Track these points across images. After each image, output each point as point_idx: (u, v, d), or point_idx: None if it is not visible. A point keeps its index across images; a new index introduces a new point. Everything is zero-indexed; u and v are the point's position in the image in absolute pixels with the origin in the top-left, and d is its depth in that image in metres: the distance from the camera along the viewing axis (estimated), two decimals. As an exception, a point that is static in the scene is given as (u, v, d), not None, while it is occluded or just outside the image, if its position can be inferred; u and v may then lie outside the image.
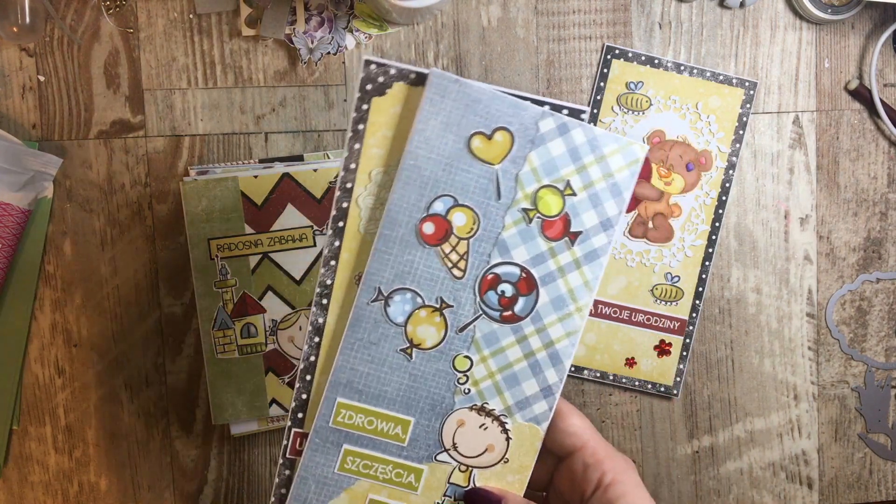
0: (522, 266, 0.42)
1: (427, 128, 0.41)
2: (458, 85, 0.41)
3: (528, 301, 0.43)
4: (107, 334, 0.61)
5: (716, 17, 0.64)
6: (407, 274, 0.42)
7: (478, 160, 0.41)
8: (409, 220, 0.41)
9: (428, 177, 0.41)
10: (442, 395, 0.43)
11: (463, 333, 0.43)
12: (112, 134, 0.60)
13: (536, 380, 0.43)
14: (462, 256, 0.42)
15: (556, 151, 0.42)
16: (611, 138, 0.42)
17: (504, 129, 0.41)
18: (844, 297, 0.66)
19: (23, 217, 0.58)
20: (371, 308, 0.42)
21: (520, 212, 0.42)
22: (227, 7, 0.60)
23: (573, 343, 0.43)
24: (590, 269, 0.43)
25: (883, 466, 0.67)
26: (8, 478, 0.61)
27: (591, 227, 0.42)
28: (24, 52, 0.59)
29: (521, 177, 0.42)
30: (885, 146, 0.66)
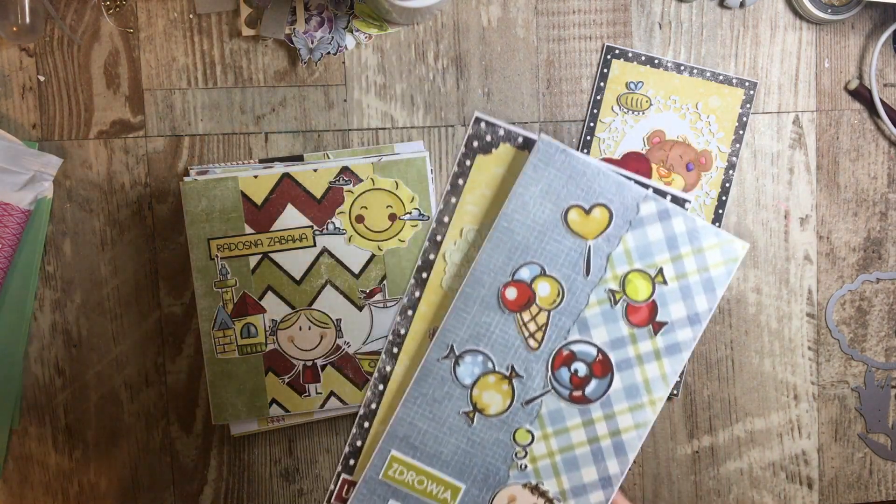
0: (600, 348, 0.41)
1: (526, 193, 0.40)
2: (565, 155, 0.40)
3: (600, 384, 0.41)
4: (107, 334, 0.61)
5: (716, 17, 0.64)
6: (482, 336, 0.41)
7: (572, 233, 0.40)
8: (493, 282, 0.40)
9: (519, 241, 0.40)
10: (497, 466, 0.42)
11: (529, 406, 0.41)
12: (112, 134, 0.60)
13: (597, 467, 0.42)
14: (540, 327, 0.41)
15: (653, 236, 0.41)
16: (711, 231, 0.41)
17: (603, 206, 0.40)
18: (844, 297, 0.66)
19: (23, 217, 0.58)
20: (440, 365, 0.41)
21: (606, 292, 0.41)
22: (227, 7, 0.60)
23: (641, 436, 0.42)
24: (670, 362, 0.41)
25: (883, 466, 0.67)
26: (8, 478, 0.61)
27: (678, 320, 0.41)
28: (24, 52, 0.59)
29: (613, 256, 0.41)
30: (885, 146, 0.66)
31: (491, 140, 0.41)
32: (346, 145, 0.62)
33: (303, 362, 0.59)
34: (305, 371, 0.59)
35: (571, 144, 0.63)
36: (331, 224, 0.59)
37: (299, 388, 0.59)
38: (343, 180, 0.58)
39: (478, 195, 0.41)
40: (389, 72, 0.62)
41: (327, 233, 0.59)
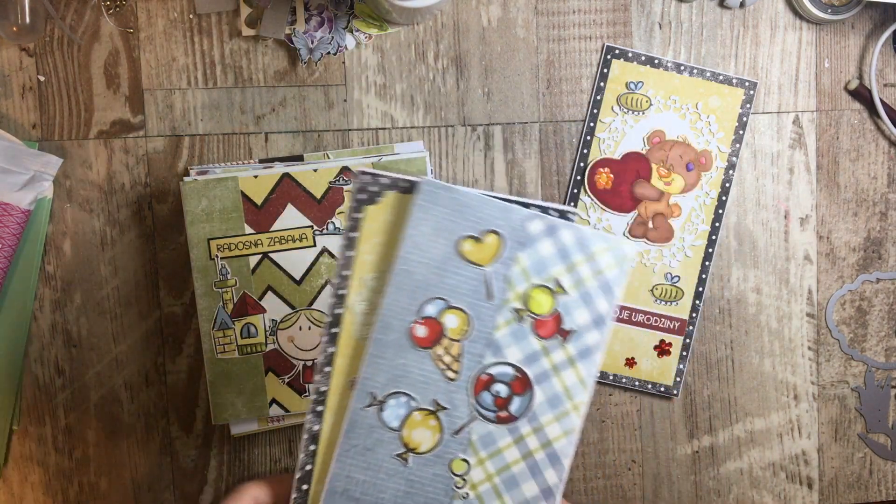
0: (516, 365, 0.42)
1: (418, 233, 0.41)
2: (448, 191, 0.41)
3: (523, 401, 0.42)
4: (107, 334, 0.61)
5: (716, 17, 0.64)
6: (401, 378, 0.42)
7: (468, 263, 0.41)
8: (401, 323, 0.41)
9: (419, 281, 0.41)
10: (440, 500, 0.42)
11: (459, 436, 0.42)
12: (112, 134, 0.60)
13: (536, 481, 0.43)
14: (455, 358, 0.42)
15: (545, 252, 0.42)
16: (599, 237, 0.42)
17: (493, 232, 0.41)
18: (844, 297, 0.66)
19: (23, 217, 0.58)
20: (366, 413, 0.41)
21: (511, 311, 0.42)
22: (227, 7, 0.60)
23: (571, 442, 0.43)
24: (584, 366, 0.42)
25: (883, 466, 0.67)
26: (8, 478, 0.61)
27: (584, 325, 0.42)
28: (24, 52, 0.59)
29: (511, 277, 0.42)
30: (885, 146, 0.66)
31: (376, 190, 0.42)
32: (346, 145, 0.62)
33: (303, 362, 0.59)
34: (305, 371, 0.59)
35: (572, 144, 0.63)
36: (331, 224, 0.59)
37: (299, 388, 0.59)
38: (343, 180, 0.58)
39: (373, 244, 0.42)
40: (389, 72, 0.62)
41: (327, 233, 0.59)
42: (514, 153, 0.63)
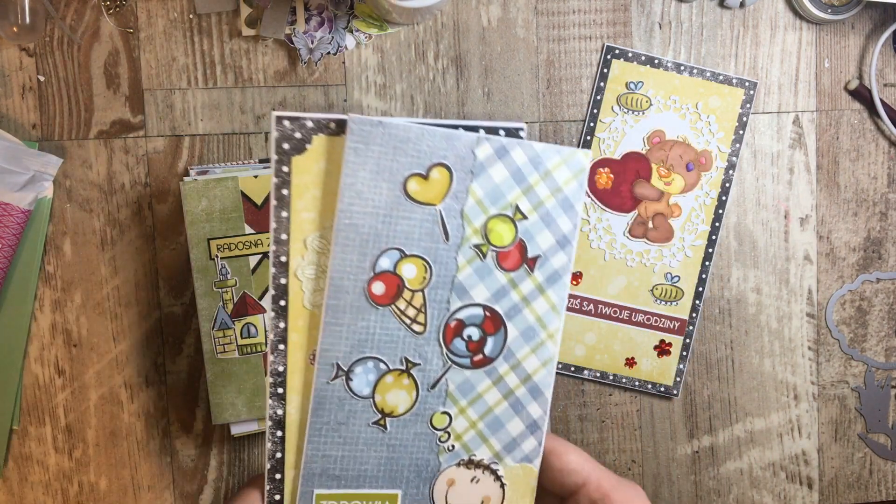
0: (485, 305, 0.40)
1: (357, 180, 0.37)
2: (382, 127, 0.37)
3: (497, 340, 0.40)
4: (107, 334, 0.61)
5: (716, 17, 0.64)
6: (365, 342, 0.39)
7: (418, 204, 0.38)
8: (355, 284, 0.38)
9: (367, 233, 0.38)
10: (426, 458, 0.40)
11: (436, 389, 0.40)
12: (112, 134, 0.60)
13: (520, 417, 0.41)
14: (420, 310, 0.39)
15: (498, 177, 0.39)
16: (552, 150, 0.39)
17: (440, 165, 0.38)
18: (844, 297, 0.66)
19: (23, 217, 0.58)
20: (332, 387, 0.39)
21: (472, 248, 0.39)
22: (227, 7, 0.60)
23: (550, 372, 0.41)
24: (554, 291, 0.40)
25: (883, 466, 0.67)
26: (8, 478, 0.61)
27: (548, 249, 0.40)
28: (24, 52, 0.59)
29: (466, 212, 0.39)
30: (885, 146, 0.66)
31: (302, 136, 0.38)
32: (346, 145, 0.62)
33: (303, 362, 0.59)
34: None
35: (571, 144, 0.63)
36: (331, 224, 0.59)
37: (299, 388, 0.59)
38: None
39: (309, 199, 0.38)
40: (389, 72, 0.62)
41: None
42: (514, 153, 0.63)
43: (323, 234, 0.39)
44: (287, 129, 0.38)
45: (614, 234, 0.63)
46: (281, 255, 0.38)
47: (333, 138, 0.38)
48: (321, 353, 0.39)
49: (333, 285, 0.38)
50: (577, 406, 0.64)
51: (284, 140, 0.38)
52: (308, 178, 0.38)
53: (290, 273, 0.39)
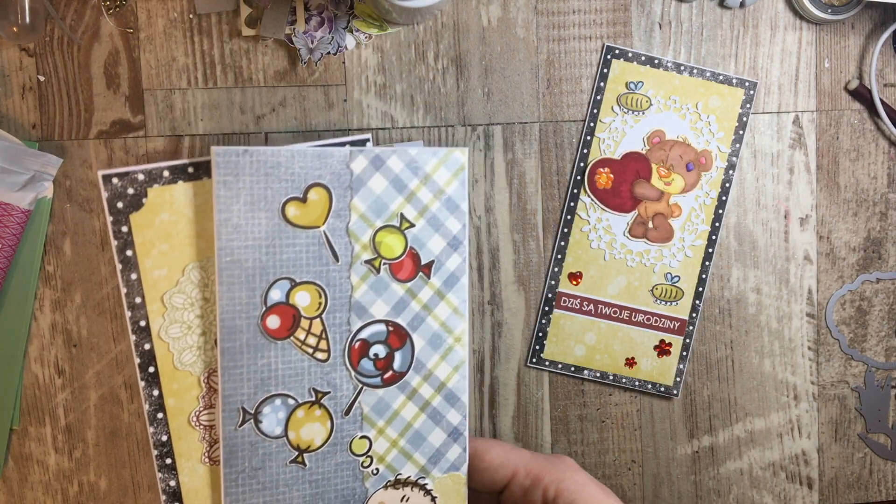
0: (386, 320, 0.38)
1: (232, 214, 0.36)
2: (249, 156, 0.36)
3: (404, 353, 0.39)
4: (107, 334, 0.61)
5: (716, 17, 0.64)
6: (268, 380, 0.37)
7: (300, 228, 0.37)
8: (248, 321, 0.36)
9: (252, 267, 0.36)
10: (351, 487, 0.38)
11: (350, 415, 0.38)
12: (112, 134, 0.60)
13: (441, 427, 0.40)
14: (320, 336, 0.38)
15: (378, 188, 0.38)
16: (428, 153, 0.38)
17: (317, 186, 0.37)
18: (844, 297, 0.66)
19: (23, 217, 0.58)
20: (242, 432, 0.37)
21: (364, 265, 0.38)
22: (227, 7, 0.60)
23: (463, 375, 0.40)
24: (454, 294, 0.39)
25: (883, 466, 0.67)
26: (8, 478, 0.61)
27: (441, 252, 0.39)
28: (24, 52, 0.59)
29: (352, 229, 0.38)
30: (885, 146, 0.66)
31: (135, 191, 0.36)
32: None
33: (303, 362, 0.59)
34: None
35: (572, 144, 0.63)
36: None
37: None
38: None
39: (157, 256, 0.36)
40: (389, 72, 0.62)
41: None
42: (514, 153, 0.63)
43: (180, 289, 0.37)
44: (117, 187, 0.36)
45: (614, 234, 0.63)
46: (139, 320, 0.37)
47: (171, 186, 0.37)
48: (223, 399, 0.37)
49: (225, 327, 0.36)
50: (577, 406, 0.64)
51: (117, 199, 0.36)
52: (151, 233, 0.37)
53: (154, 336, 0.37)
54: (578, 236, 0.63)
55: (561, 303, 0.63)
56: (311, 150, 0.36)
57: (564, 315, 0.63)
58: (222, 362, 0.36)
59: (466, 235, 0.37)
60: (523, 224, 0.63)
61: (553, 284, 0.63)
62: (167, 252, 0.36)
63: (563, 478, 0.39)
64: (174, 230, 0.36)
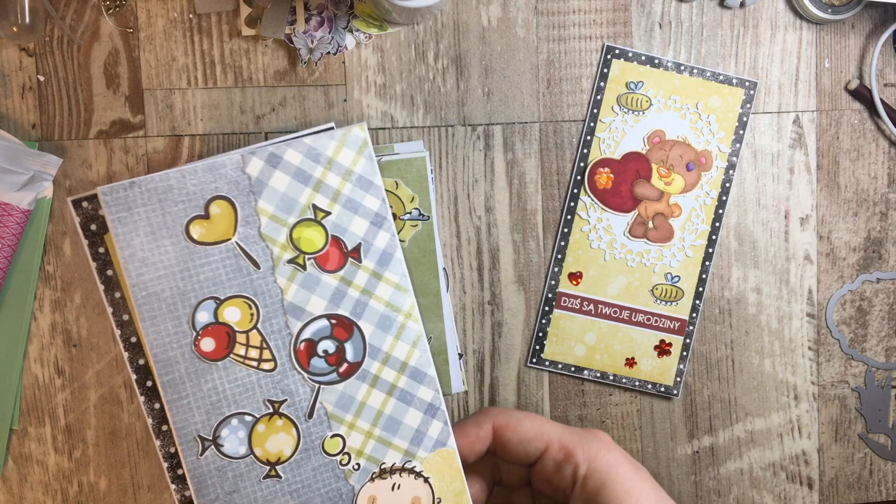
0: (327, 314, 0.37)
1: (135, 250, 0.35)
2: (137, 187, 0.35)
3: (355, 343, 0.38)
4: (107, 334, 0.61)
5: (716, 17, 0.64)
6: (218, 402, 0.36)
7: (210, 245, 0.36)
8: (181, 350, 0.36)
9: (170, 295, 0.36)
10: (336, 488, 0.38)
11: (314, 417, 0.37)
12: (112, 134, 0.60)
13: (414, 407, 0.39)
14: (261, 347, 0.37)
15: (281, 186, 0.37)
16: (325, 137, 0.37)
17: (217, 199, 0.36)
18: (844, 297, 0.66)
19: (23, 217, 0.58)
20: (205, 460, 0.36)
21: (288, 265, 0.37)
22: (227, 7, 0.60)
23: (424, 350, 0.39)
24: (391, 271, 0.38)
25: (883, 466, 0.67)
26: (8, 478, 0.61)
27: (366, 233, 0.38)
28: (24, 52, 0.59)
29: (264, 232, 0.37)
30: (885, 146, 0.66)
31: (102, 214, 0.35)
32: (346, 145, 0.62)
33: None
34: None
35: (572, 144, 0.63)
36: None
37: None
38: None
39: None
40: (389, 72, 0.62)
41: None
42: (514, 153, 0.63)
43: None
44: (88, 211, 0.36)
45: (614, 234, 0.63)
46: (129, 336, 0.36)
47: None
48: (177, 432, 0.36)
49: (159, 361, 0.36)
50: (577, 406, 0.64)
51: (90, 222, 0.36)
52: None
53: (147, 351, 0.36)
54: (578, 236, 0.63)
55: (561, 303, 0.63)
56: (200, 165, 0.36)
57: (564, 315, 0.63)
58: (166, 396, 0.35)
59: (388, 209, 0.36)
60: (523, 224, 0.63)
61: (553, 284, 0.63)
62: None
63: (596, 456, 0.38)
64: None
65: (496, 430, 0.40)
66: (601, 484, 0.37)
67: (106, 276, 0.34)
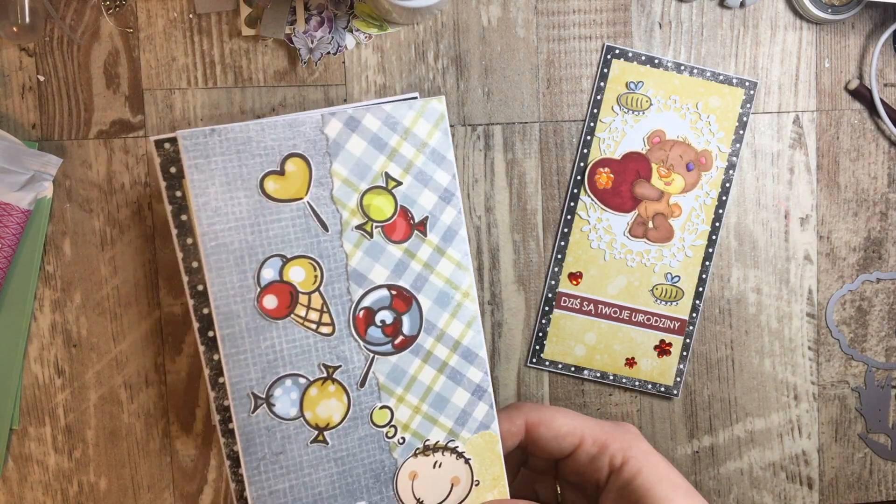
0: (388, 284, 0.37)
1: (209, 198, 0.35)
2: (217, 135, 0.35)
3: (412, 316, 0.38)
4: (107, 334, 0.61)
5: (716, 17, 0.64)
6: (275, 361, 0.36)
7: (283, 202, 0.36)
8: (244, 305, 0.35)
9: (239, 248, 0.35)
10: (379, 459, 0.37)
11: (366, 386, 0.37)
12: (112, 134, 0.60)
13: (462, 387, 0.38)
14: (322, 310, 0.36)
15: (357, 150, 0.36)
16: (404, 107, 0.37)
17: (293, 156, 0.36)
18: (844, 297, 0.66)
19: (23, 217, 0.58)
20: (256, 418, 0.36)
21: (355, 231, 0.37)
22: (227, 7, 0.60)
23: (478, 330, 0.38)
24: (454, 249, 0.38)
25: (883, 466, 0.67)
26: (8, 478, 0.61)
27: (434, 207, 0.38)
28: (24, 52, 0.59)
29: (336, 195, 0.36)
30: (885, 146, 0.66)
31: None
32: (346, 145, 0.62)
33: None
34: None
35: (572, 144, 0.63)
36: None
37: (299, 388, 0.59)
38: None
39: None
40: (389, 72, 0.62)
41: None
42: (514, 153, 0.63)
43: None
44: (170, 153, 0.36)
45: (614, 234, 0.63)
46: (196, 283, 0.36)
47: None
48: (232, 387, 0.36)
49: (220, 314, 0.35)
50: (578, 406, 0.64)
51: (170, 164, 0.36)
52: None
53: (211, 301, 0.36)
54: (578, 236, 0.63)
55: (561, 303, 0.63)
56: (281, 121, 0.35)
57: (564, 315, 0.63)
58: (224, 350, 0.35)
59: (457, 186, 0.36)
60: (523, 224, 0.63)
61: (553, 284, 0.63)
62: None
63: (630, 446, 0.39)
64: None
65: (529, 426, 0.40)
66: (637, 471, 0.38)
67: (180, 221, 0.34)
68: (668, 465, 0.39)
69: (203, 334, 0.36)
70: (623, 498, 0.38)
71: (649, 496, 0.37)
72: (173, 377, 0.61)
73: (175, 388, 0.61)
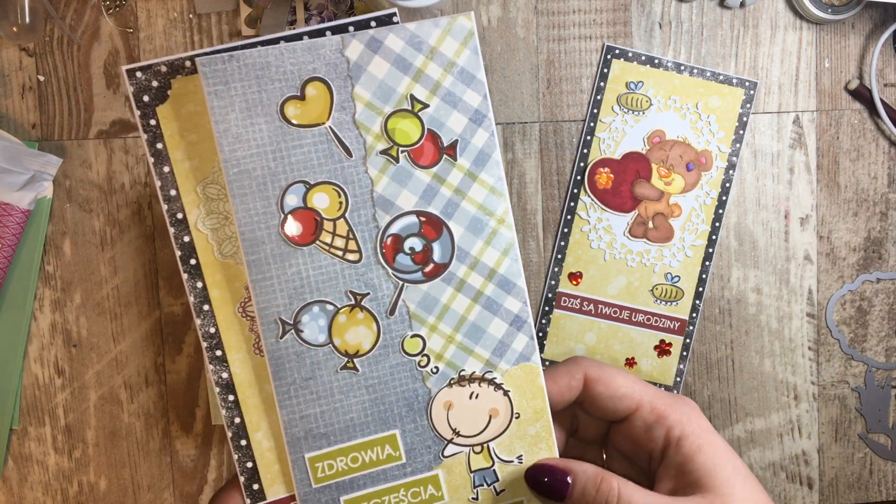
0: (416, 211, 0.36)
1: (230, 125, 0.34)
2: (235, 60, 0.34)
3: (443, 243, 0.36)
4: (107, 334, 0.61)
5: (716, 17, 0.64)
6: (301, 288, 0.35)
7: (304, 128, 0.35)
8: (268, 231, 0.35)
9: (262, 175, 0.35)
10: (412, 388, 0.37)
11: (396, 314, 0.36)
12: (112, 134, 0.60)
13: (499, 317, 0.37)
14: (347, 237, 0.36)
15: (380, 73, 0.35)
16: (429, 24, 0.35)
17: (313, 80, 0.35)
18: (844, 297, 0.66)
19: (23, 217, 0.58)
20: (284, 343, 0.36)
21: (380, 156, 0.36)
22: (227, 7, 0.60)
23: (515, 258, 0.37)
24: (487, 173, 0.36)
25: (883, 466, 0.67)
26: (8, 478, 0.61)
27: (464, 130, 0.36)
28: (24, 52, 0.59)
29: (359, 120, 0.35)
30: (885, 146, 0.66)
31: (160, 84, 0.35)
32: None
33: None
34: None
35: (572, 144, 0.63)
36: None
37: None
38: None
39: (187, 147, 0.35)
40: (389, 72, 0.62)
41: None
42: (514, 153, 0.63)
43: (214, 179, 0.36)
44: (142, 81, 0.35)
45: (614, 234, 0.63)
46: (175, 212, 0.36)
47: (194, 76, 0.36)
48: (259, 312, 0.35)
49: (246, 240, 0.35)
50: (577, 406, 0.64)
51: (143, 92, 0.35)
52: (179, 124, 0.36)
53: (192, 227, 0.36)
54: (578, 236, 0.63)
55: (561, 303, 0.63)
56: (300, 45, 0.34)
57: (564, 315, 0.63)
58: (251, 276, 0.35)
59: (489, 108, 0.35)
60: (523, 224, 0.63)
61: (553, 284, 0.63)
62: (196, 143, 0.35)
63: (689, 420, 0.37)
64: (201, 121, 0.35)
65: (588, 381, 0.39)
66: (697, 447, 0.37)
67: (156, 149, 0.34)
68: (727, 447, 0.38)
69: (185, 262, 0.35)
70: (683, 475, 0.37)
71: (710, 477, 0.36)
72: (173, 377, 0.61)
73: (175, 388, 0.61)
